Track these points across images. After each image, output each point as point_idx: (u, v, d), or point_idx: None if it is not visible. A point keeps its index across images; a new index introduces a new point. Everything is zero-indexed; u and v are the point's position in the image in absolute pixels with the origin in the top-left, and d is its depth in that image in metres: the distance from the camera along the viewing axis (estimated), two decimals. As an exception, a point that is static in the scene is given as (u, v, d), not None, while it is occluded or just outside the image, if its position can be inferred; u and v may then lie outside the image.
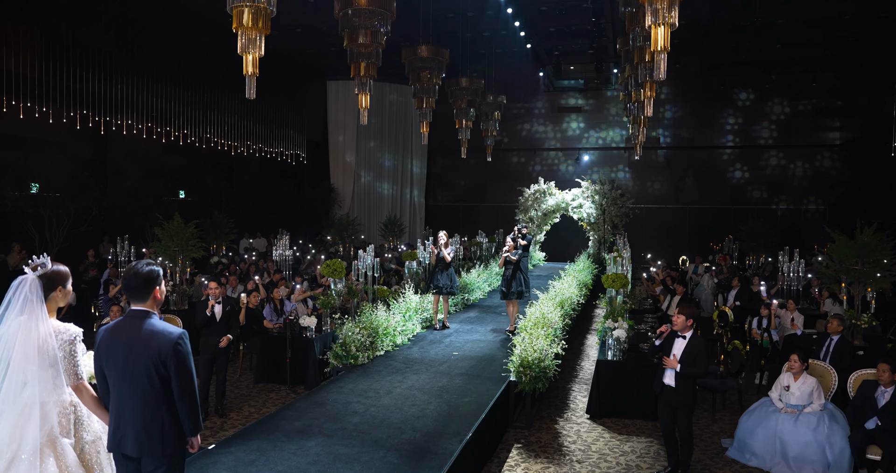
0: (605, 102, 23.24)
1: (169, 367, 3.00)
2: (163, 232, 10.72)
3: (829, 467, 5.90)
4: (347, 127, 23.77)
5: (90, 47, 14.37)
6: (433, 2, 14.28)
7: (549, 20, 18.45)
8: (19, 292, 3.13)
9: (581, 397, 8.18)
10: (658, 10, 6.52)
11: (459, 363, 7.86)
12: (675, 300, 10.72)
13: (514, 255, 9.40)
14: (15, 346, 3.07)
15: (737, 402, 7.82)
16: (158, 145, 17.04)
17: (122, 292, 3.21)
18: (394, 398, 6.42)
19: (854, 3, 15.04)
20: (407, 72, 13.31)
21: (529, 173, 23.76)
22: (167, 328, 3.08)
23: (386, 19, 10.31)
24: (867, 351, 7.90)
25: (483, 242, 17.43)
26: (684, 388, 5.62)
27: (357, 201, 23.94)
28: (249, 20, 7.72)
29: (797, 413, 6.16)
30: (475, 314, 11.29)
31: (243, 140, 19.49)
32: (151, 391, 3.00)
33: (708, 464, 6.21)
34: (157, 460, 3.03)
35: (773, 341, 8.92)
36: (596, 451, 6.44)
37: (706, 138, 22.19)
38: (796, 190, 21.56)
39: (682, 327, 5.64)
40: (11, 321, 3.13)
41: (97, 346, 3.09)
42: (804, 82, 20.91)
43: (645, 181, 22.95)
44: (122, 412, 3.02)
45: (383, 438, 5.29)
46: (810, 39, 17.94)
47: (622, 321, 7.75)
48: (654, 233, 21.84)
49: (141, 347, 3.00)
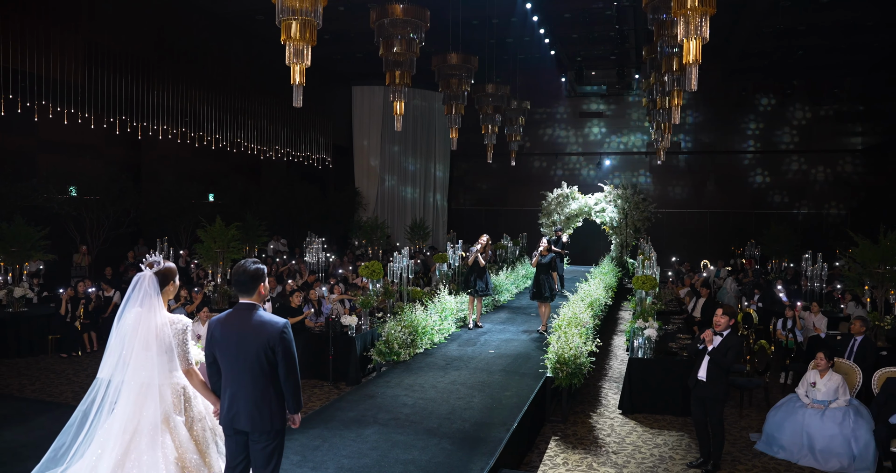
0: (626, 107, 23.52)
1: (276, 352, 3.42)
2: (205, 234, 11.19)
3: (855, 459, 6.19)
4: (372, 131, 24.23)
5: (128, 55, 14.94)
6: (459, 9, 14.71)
7: (572, 27, 18.79)
8: (139, 287, 3.55)
9: (612, 394, 8.51)
10: (690, 23, 6.87)
11: (497, 360, 8.23)
12: (699, 303, 11.00)
13: (545, 258, 9.74)
14: (137, 334, 3.49)
15: (763, 399, 8.11)
16: (189, 149, 17.58)
17: (232, 287, 3.61)
18: (439, 391, 6.80)
19: (876, 9, 15.22)
20: (437, 79, 13.73)
21: (551, 178, 24.08)
22: (273, 318, 3.49)
23: (420, 29, 10.74)
24: (890, 351, 8.15)
25: (508, 245, 17.78)
26: (716, 382, 5.95)
27: (381, 205, 24.38)
28: (297, 32, 8.12)
29: (823, 409, 6.45)
30: (506, 314, 11.65)
31: (272, 144, 20.02)
32: (261, 373, 3.42)
33: (738, 456, 6.52)
34: (266, 434, 3.45)
35: (798, 341, 9.19)
36: (630, 443, 6.77)
37: (727, 143, 22.39)
38: (817, 195, 21.70)
39: (724, 327, 5.98)
40: (131, 312, 3.56)
41: (210, 335, 3.51)
42: (826, 87, 21.06)
43: (666, 186, 23.18)
44: (236, 392, 3.44)
45: (434, 427, 5.67)
46: (832, 45, 18.11)
47: (652, 321, 8.07)
48: (675, 237, 22.05)
49: (251, 335, 3.42)
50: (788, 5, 15.41)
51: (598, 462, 6.28)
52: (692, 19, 6.83)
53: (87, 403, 3.57)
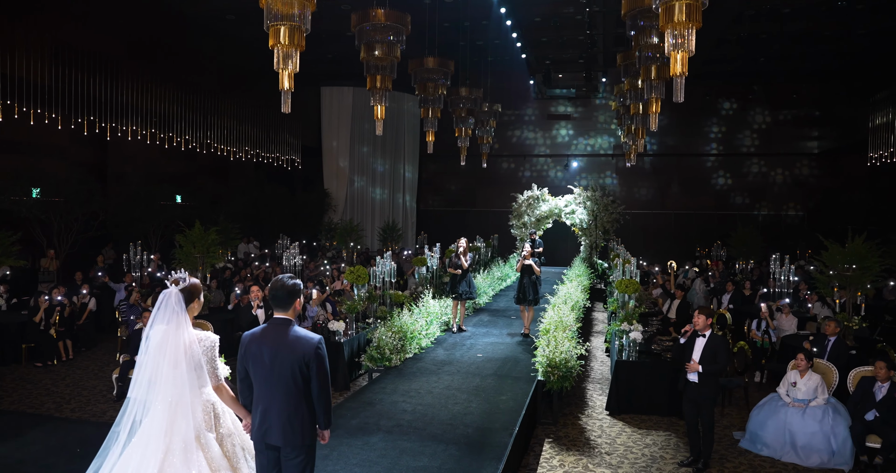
0: (593, 109, 23.96)
1: (311, 368, 3.46)
2: (184, 239, 11.02)
3: (834, 455, 6.52)
4: (341, 132, 24.13)
5: (96, 54, 14.57)
6: (435, 12, 14.79)
7: (541, 31, 19.06)
8: (165, 305, 3.54)
9: (596, 395, 8.72)
10: (677, 36, 7.10)
11: (486, 364, 8.35)
12: (674, 304, 11.34)
13: (535, 262, 9.93)
14: (166, 352, 3.49)
15: (742, 398, 8.44)
16: (156, 150, 17.24)
17: (268, 301, 3.62)
18: (436, 397, 6.89)
19: (834, 21, 15.91)
20: (413, 82, 13.78)
21: (519, 179, 24.39)
22: (308, 334, 3.53)
23: (401, 34, 10.78)
24: (859, 351, 8.56)
25: (481, 246, 17.95)
26: (707, 383, 6.19)
27: (350, 206, 24.30)
28: (286, 37, 8.09)
29: (804, 407, 6.77)
30: (486, 317, 11.80)
31: (241, 145, 19.78)
32: (295, 389, 3.46)
33: (724, 454, 6.79)
34: (298, 449, 3.48)
35: (772, 341, 9.57)
36: (621, 444, 6.98)
37: (691, 146, 23.04)
38: (776, 196, 22.52)
39: (703, 326, 6.22)
40: (158, 330, 3.55)
41: (245, 350, 3.52)
42: (785, 94, 21.87)
43: (632, 187, 23.71)
44: (269, 407, 3.46)
45: (439, 433, 5.76)
46: (792, 53, 18.82)
47: (637, 324, 8.31)
48: (641, 238, 22.56)
49: (286, 350, 3.45)
50: (752, 15, 15.97)
51: (593, 463, 6.47)
52: (679, 32, 7.06)
53: (122, 423, 3.54)
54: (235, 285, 12.36)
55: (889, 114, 16.74)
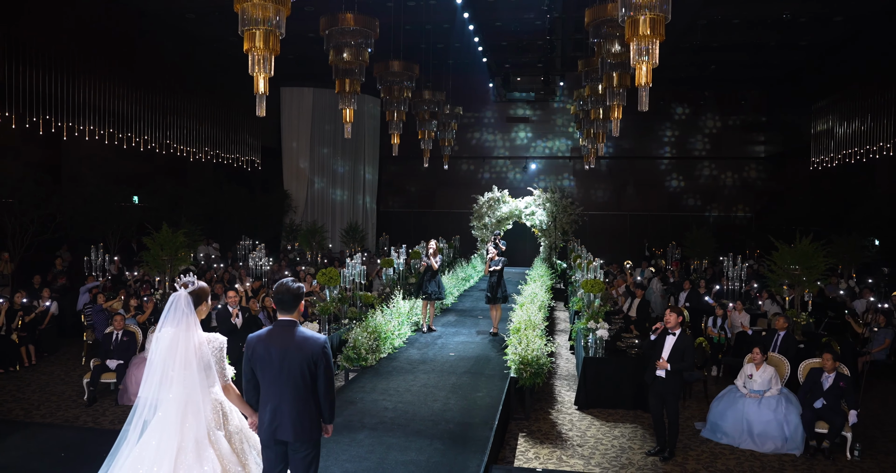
0: (551, 112, 24.49)
1: (318, 366, 3.64)
2: (151, 241, 10.91)
3: (787, 441, 7.01)
4: (301, 133, 24.04)
5: (51, 51, 14.22)
6: (393, 14, 14.99)
7: (501, 35, 19.44)
8: (175, 307, 3.66)
9: (564, 390, 9.07)
10: (642, 48, 7.49)
11: (459, 362, 8.60)
12: (635, 303, 11.83)
13: (496, 263, 10.23)
14: (176, 353, 3.61)
15: (701, 391, 8.91)
16: (112, 150, 16.90)
17: (274, 304, 3.76)
18: (414, 395, 7.10)
19: (778, 32, 16.77)
20: (378, 85, 13.92)
21: (479, 180, 24.76)
22: (314, 334, 3.70)
23: (369, 37, 10.94)
24: (807, 345, 9.14)
25: (444, 247, 18.19)
26: (673, 378, 6.58)
27: (311, 207, 24.23)
28: (261, 41, 8.18)
29: (760, 398, 7.23)
30: (454, 317, 12.05)
31: (200, 145, 19.51)
32: (303, 386, 3.64)
33: (687, 444, 7.20)
34: (308, 443, 3.67)
35: (727, 337, 10.11)
36: (591, 436, 7.32)
37: (645, 149, 23.81)
38: (726, 198, 23.48)
39: (674, 324, 6.61)
40: (167, 332, 3.67)
41: (252, 351, 3.67)
42: (733, 100, 22.85)
43: (588, 189, 24.34)
44: (279, 405, 3.63)
45: (422, 429, 5.98)
46: (741, 61, 19.69)
47: (603, 322, 8.69)
48: (597, 238, 23.20)
49: (295, 350, 3.62)
50: (704, 24, 16.68)
51: (566, 454, 6.78)
52: (644, 45, 7.45)
53: (132, 424, 3.64)
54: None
55: (829, 121, 17.69)
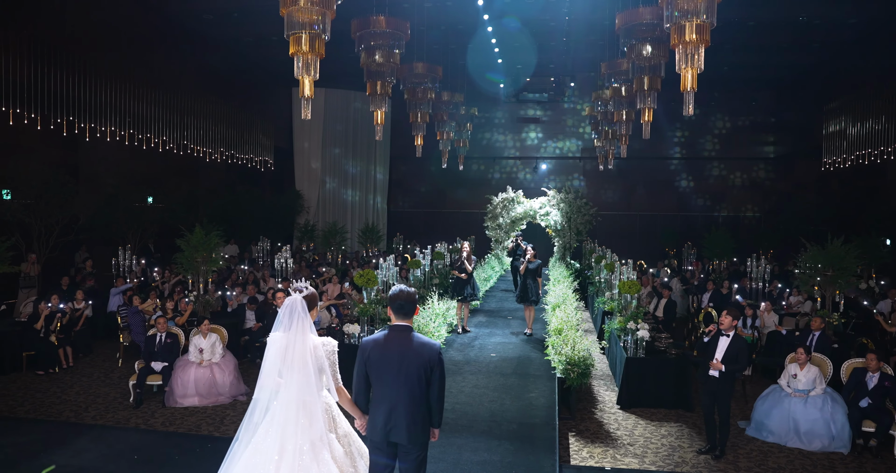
0: (561, 113, 24.63)
1: (434, 372, 3.75)
2: (185, 243, 10.96)
3: (834, 439, 7.16)
4: (313, 134, 24.11)
5: (71, 52, 14.23)
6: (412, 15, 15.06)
7: (517, 37, 19.55)
8: (291, 311, 3.76)
9: (602, 390, 9.19)
10: (688, 54, 7.62)
11: (502, 363, 8.72)
12: (661, 303, 11.97)
13: (534, 264, 10.35)
14: (294, 356, 3.71)
15: (739, 390, 9.05)
16: (127, 150, 16.92)
17: (393, 310, 3.85)
18: (468, 396, 7.21)
19: (789, 34, 16.97)
20: (402, 87, 14.01)
21: (489, 180, 24.89)
22: (429, 340, 3.82)
23: (401, 39, 11.02)
24: (840, 345, 9.30)
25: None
26: (727, 379, 6.72)
27: (322, 208, 24.31)
28: (307, 45, 8.26)
29: (805, 397, 7.38)
30: (484, 318, 12.16)
31: (215, 146, 19.55)
32: (419, 390, 3.75)
33: (734, 442, 7.34)
34: (420, 445, 3.78)
35: (757, 337, 10.26)
36: (639, 436, 7.46)
37: (655, 150, 23.97)
38: (735, 199, 23.70)
39: (728, 326, 6.74)
40: (282, 336, 3.77)
41: (367, 355, 3.78)
42: (743, 101, 23.07)
43: (598, 189, 24.51)
44: (394, 407, 3.74)
45: (487, 430, 6.09)
46: (751, 63, 19.89)
47: (643, 323, 8.82)
48: (607, 238, 23.33)
49: (413, 355, 3.73)
50: (718, 27, 16.80)
51: (619, 453, 6.91)
52: (689, 51, 7.57)
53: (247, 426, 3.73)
54: (228, 289, 12.38)
55: (841, 122, 17.88)
